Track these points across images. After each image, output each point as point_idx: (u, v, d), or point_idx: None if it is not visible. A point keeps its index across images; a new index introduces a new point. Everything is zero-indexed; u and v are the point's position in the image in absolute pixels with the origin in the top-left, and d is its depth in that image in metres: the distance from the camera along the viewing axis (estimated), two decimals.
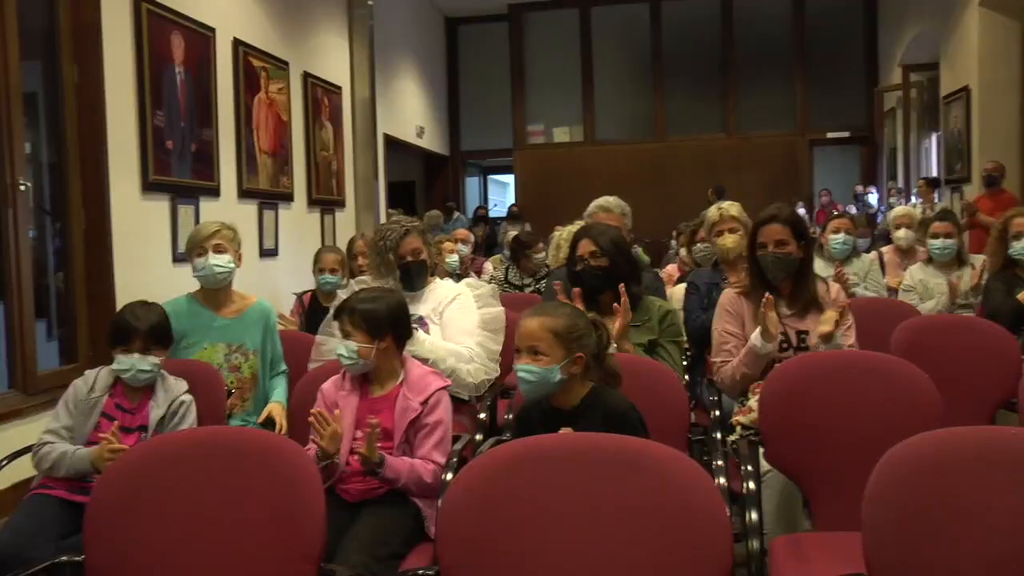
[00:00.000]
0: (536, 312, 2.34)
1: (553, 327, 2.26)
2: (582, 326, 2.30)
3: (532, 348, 2.26)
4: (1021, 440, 1.67)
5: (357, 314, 2.60)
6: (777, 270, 3.06)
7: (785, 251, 3.04)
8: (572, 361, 2.26)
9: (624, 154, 12.84)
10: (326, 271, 4.54)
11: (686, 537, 1.63)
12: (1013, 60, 8.30)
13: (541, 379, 2.25)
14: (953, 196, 9.23)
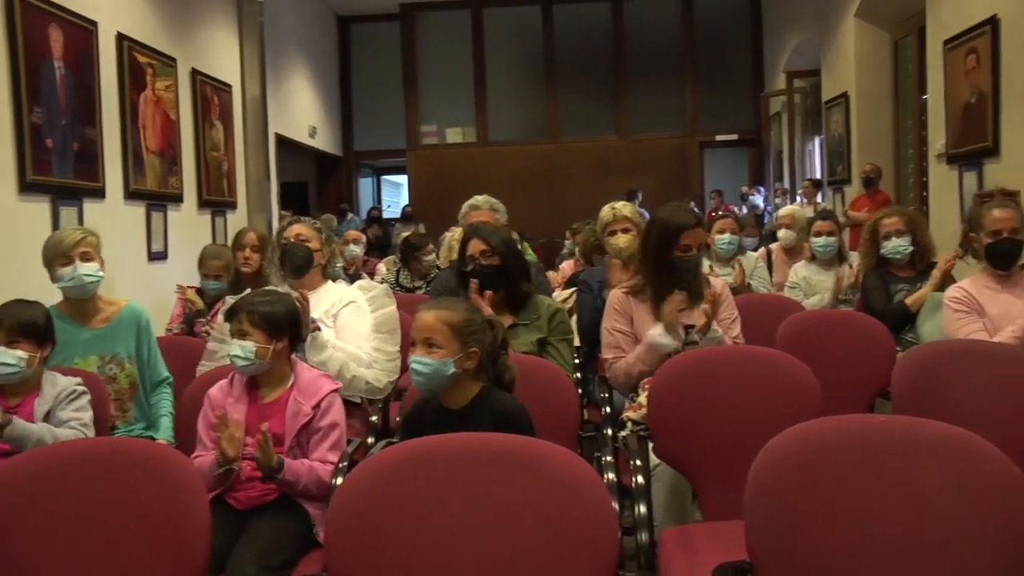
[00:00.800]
0: (433, 305, 2.34)
1: (449, 320, 2.26)
2: (478, 321, 2.31)
3: (427, 340, 2.25)
4: (891, 427, 1.75)
5: (256, 313, 2.54)
6: (693, 273, 3.14)
7: (699, 255, 3.16)
8: (467, 355, 2.26)
9: (518, 155, 12.91)
10: (210, 276, 4.38)
11: (574, 533, 1.65)
12: (886, 69, 8.70)
13: (435, 371, 2.24)
14: (835, 196, 9.63)
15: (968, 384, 2.60)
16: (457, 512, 1.70)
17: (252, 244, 4.41)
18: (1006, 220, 3.33)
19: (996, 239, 3.34)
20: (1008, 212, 3.35)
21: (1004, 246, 3.33)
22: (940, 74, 6.59)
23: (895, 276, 4.15)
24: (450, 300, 2.44)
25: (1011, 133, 5.62)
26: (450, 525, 1.70)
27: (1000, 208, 3.38)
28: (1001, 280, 3.37)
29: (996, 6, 5.71)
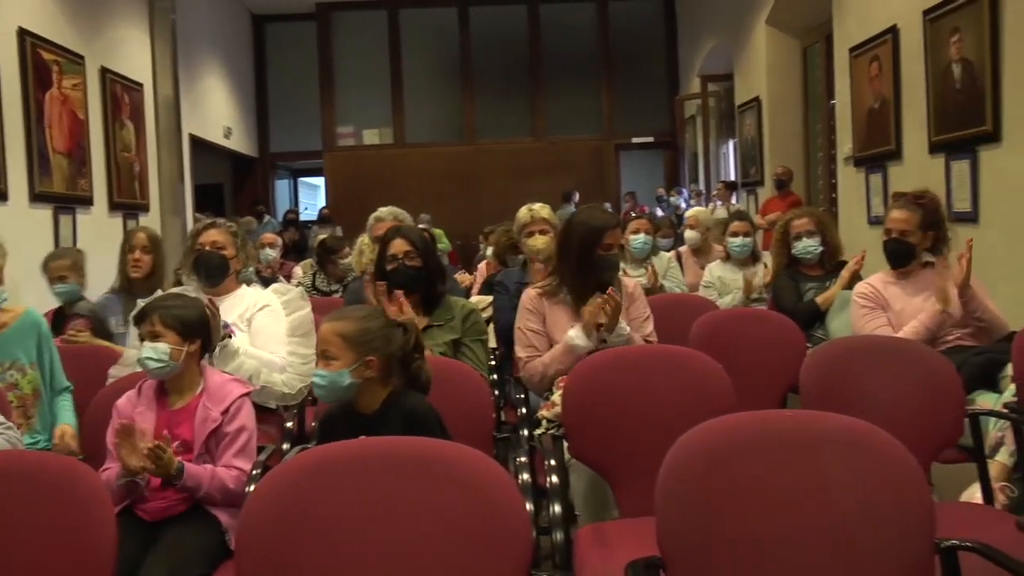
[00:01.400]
0: (331, 317, 2.33)
1: (342, 331, 2.26)
2: (375, 329, 2.30)
3: (323, 352, 2.26)
4: (797, 422, 1.80)
5: (169, 314, 2.48)
6: (617, 270, 3.22)
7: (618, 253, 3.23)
8: (364, 364, 2.25)
9: (434, 157, 12.89)
10: (55, 280, 4.04)
11: (486, 535, 1.65)
12: (795, 74, 8.94)
13: (331, 383, 2.25)
14: (749, 198, 9.86)
15: (871, 378, 2.68)
16: (368, 517, 1.69)
17: (143, 246, 4.02)
18: (898, 221, 3.49)
19: (887, 237, 3.52)
20: (903, 214, 3.49)
21: (890, 245, 3.52)
22: (846, 80, 6.81)
23: (805, 275, 4.27)
24: (349, 309, 2.44)
25: (911, 137, 5.83)
26: (361, 530, 1.69)
27: (898, 209, 3.52)
28: (903, 277, 3.52)
29: (896, 16, 5.93)
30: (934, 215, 3.55)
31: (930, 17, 5.46)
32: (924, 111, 5.59)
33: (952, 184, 5.24)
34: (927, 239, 3.53)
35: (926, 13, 5.49)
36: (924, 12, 5.51)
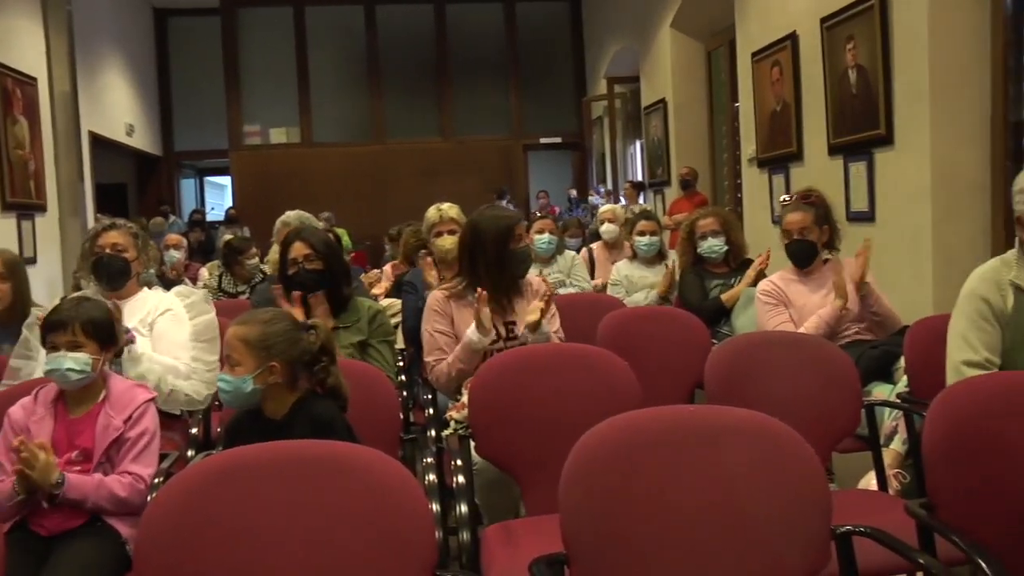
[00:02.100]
0: (236, 321, 2.29)
1: (245, 336, 2.22)
2: (277, 334, 2.25)
3: (228, 357, 2.22)
4: (699, 416, 1.84)
5: (90, 323, 2.39)
6: (529, 263, 3.27)
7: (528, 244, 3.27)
8: (267, 370, 2.22)
9: (343, 157, 12.78)
10: None
11: (390, 537, 1.64)
12: (700, 77, 9.13)
13: (235, 389, 2.21)
14: (656, 198, 10.02)
15: (773, 372, 2.75)
16: (271, 522, 1.66)
17: None
18: (796, 222, 3.64)
19: (790, 240, 3.65)
20: (799, 215, 3.64)
21: (794, 246, 3.66)
22: (749, 84, 6.96)
23: (711, 273, 4.36)
24: (254, 313, 2.39)
25: (811, 140, 6.00)
26: (264, 535, 1.66)
27: (793, 212, 3.67)
28: (804, 274, 3.65)
29: (795, 23, 6.09)
30: (824, 210, 3.72)
31: (827, 25, 5.63)
32: (823, 115, 5.76)
33: (850, 185, 5.42)
34: (824, 234, 3.69)
35: (823, 21, 5.66)
36: (821, 20, 5.67)
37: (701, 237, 4.37)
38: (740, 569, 1.69)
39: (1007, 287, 2.50)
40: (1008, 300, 2.49)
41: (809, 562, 1.70)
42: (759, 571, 1.69)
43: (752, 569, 1.69)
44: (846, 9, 5.37)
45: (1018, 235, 2.54)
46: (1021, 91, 4.55)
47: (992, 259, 2.65)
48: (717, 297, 4.21)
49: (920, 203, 4.76)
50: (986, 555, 1.69)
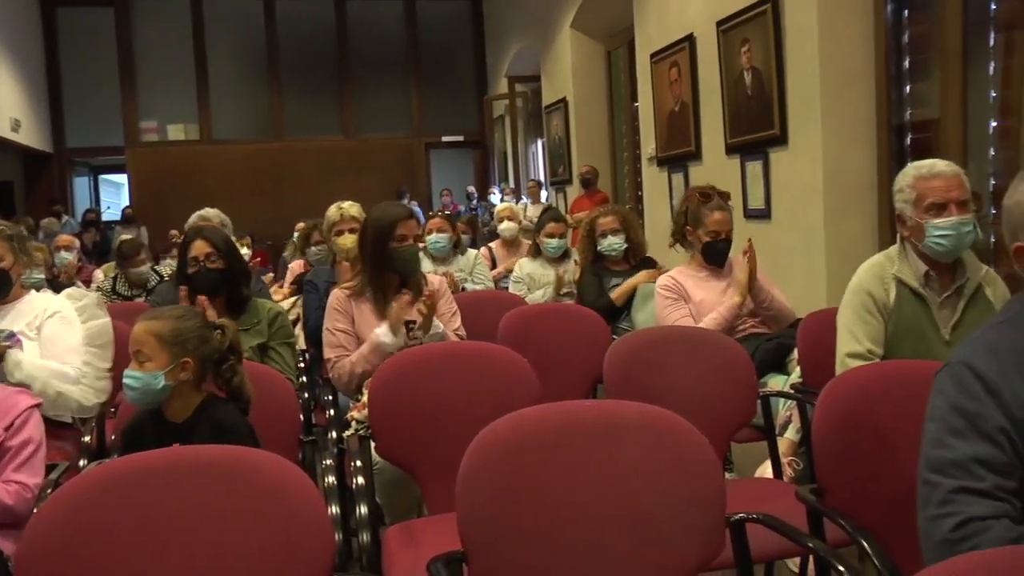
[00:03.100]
0: (145, 316, 2.21)
1: (157, 331, 2.15)
2: (191, 329, 2.20)
3: (138, 353, 2.14)
4: (596, 411, 1.85)
5: None
6: (413, 262, 3.19)
7: (416, 245, 3.21)
8: (179, 367, 2.16)
9: (243, 154, 12.54)
10: None
11: (288, 541, 1.61)
12: (600, 77, 9.25)
13: (144, 385, 2.13)
14: (558, 196, 10.11)
15: (671, 366, 2.80)
16: (164, 529, 1.62)
17: None
18: (724, 223, 3.65)
19: (714, 239, 3.64)
20: (725, 215, 3.67)
21: (721, 246, 3.66)
22: (648, 84, 7.08)
23: (610, 270, 4.42)
24: (162, 309, 2.32)
25: (709, 139, 6.14)
26: (156, 544, 1.61)
27: (720, 211, 3.67)
28: (704, 270, 3.70)
29: (692, 25, 6.23)
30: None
31: (722, 28, 5.77)
32: (720, 115, 5.91)
33: (747, 184, 5.56)
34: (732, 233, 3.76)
35: (719, 24, 5.80)
36: (717, 23, 5.81)
37: (601, 235, 4.41)
38: (636, 559, 1.71)
39: (890, 281, 2.62)
40: (891, 293, 2.60)
41: (704, 550, 1.73)
42: (655, 561, 1.72)
43: (648, 559, 1.71)
44: (741, 13, 5.51)
45: (900, 231, 2.65)
46: (903, 95, 4.76)
47: (877, 254, 2.76)
48: (607, 296, 4.26)
49: (813, 201, 4.92)
50: (869, 537, 1.75)
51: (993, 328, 1.51)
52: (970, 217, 2.52)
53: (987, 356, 1.44)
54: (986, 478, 1.37)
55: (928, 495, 1.42)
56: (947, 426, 1.43)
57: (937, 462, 1.42)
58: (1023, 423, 1.39)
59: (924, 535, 1.42)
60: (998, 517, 1.35)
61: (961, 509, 1.36)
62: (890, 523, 1.80)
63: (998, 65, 4.21)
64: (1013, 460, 1.39)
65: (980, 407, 1.41)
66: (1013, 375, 1.41)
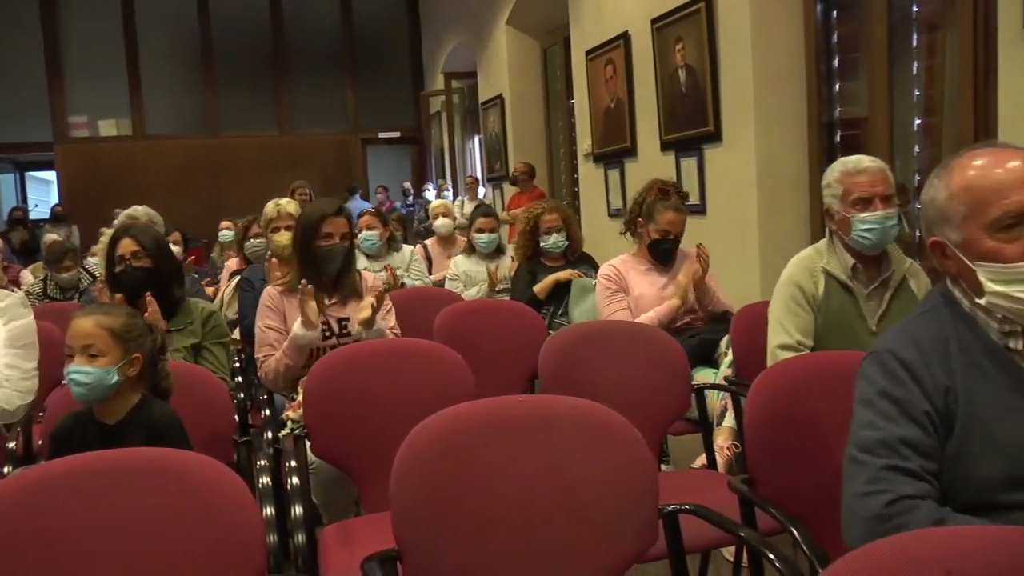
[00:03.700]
0: (90, 310, 2.18)
1: (110, 325, 2.12)
2: (140, 325, 2.20)
3: (87, 347, 2.09)
4: (528, 405, 1.86)
5: None
6: (338, 261, 3.16)
7: (344, 244, 3.19)
8: (130, 362, 2.13)
9: (177, 150, 12.31)
10: None
11: (219, 543, 1.60)
12: (536, 74, 9.28)
13: (97, 380, 2.09)
14: (495, 192, 10.12)
15: (605, 360, 2.81)
16: (93, 536, 1.59)
17: None
18: (676, 224, 3.67)
19: (663, 237, 3.67)
20: (679, 216, 3.69)
21: (668, 246, 3.69)
22: (584, 81, 7.12)
23: (546, 266, 4.43)
24: (107, 305, 2.29)
25: (645, 136, 6.20)
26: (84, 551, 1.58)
27: (675, 211, 3.69)
28: (649, 263, 3.72)
29: (627, 23, 6.27)
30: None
31: (657, 26, 5.82)
32: (655, 112, 5.96)
33: (682, 180, 5.62)
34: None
35: (654, 22, 5.85)
36: (652, 21, 5.86)
37: (546, 232, 4.41)
38: (571, 553, 1.72)
39: (819, 274, 2.67)
40: (820, 286, 2.66)
41: (637, 541, 1.75)
42: (589, 554, 1.73)
43: (582, 552, 1.73)
44: (675, 12, 5.57)
45: (828, 225, 2.71)
46: (832, 94, 4.86)
47: (807, 248, 2.82)
48: (531, 289, 4.28)
49: (747, 196, 5.00)
50: (798, 524, 1.79)
51: (914, 319, 1.57)
52: (894, 211, 2.58)
53: (909, 345, 1.50)
54: (912, 458, 1.43)
55: (856, 473, 1.46)
56: (876, 410, 1.48)
57: (866, 442, 1.47)
58: (943, 409, 1.45)
59: (849, 512, 1.46)
60: (924, 498, 1.40)
61: (891, 487, 1.41)
62: (821, 510, 1.84)
63: (921, 65, 4.33)
64: (935, 443, 1.45)
65: (907, 393, 1.47)
66: (933, 363, 1.48)
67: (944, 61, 4.14)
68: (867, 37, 4.53)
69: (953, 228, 1.49)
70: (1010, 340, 1.48)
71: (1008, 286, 1.44)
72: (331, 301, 3.19)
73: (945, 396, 1.45)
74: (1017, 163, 1.46)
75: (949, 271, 1.55)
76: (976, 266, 1.47)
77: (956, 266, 1.52)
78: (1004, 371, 1.47)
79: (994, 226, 1.44)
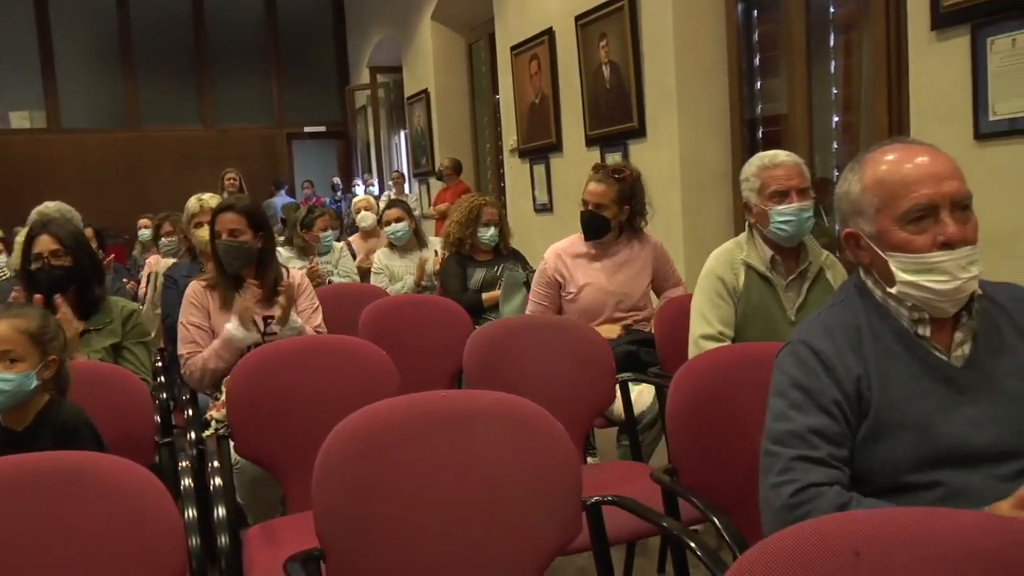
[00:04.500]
0: (1, 314, 2.11)
1: (27, 328, 2.06)
2: (54, 327, 2.14)
3: (6, 353, 2.03)
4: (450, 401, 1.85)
5: None
6: (231, 258, 3.11)
7: (240, 240, 3.10)
8: (46, 365, 2.08)
9: (96, 144, 11.97)
10: None
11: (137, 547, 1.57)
12: (461, 69, 9.26)
13: (17, 387, 2.03)
14: (421, 187, 10.09)
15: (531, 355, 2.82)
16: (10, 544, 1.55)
17: None
18: (594, 194, 3.51)
19: (583, 208, 3.56)
20: (600, 187, 3.51)
21: (585, 216, 3.54)
22: (509, 77, 7.13)
23: (475, 260, 4.40)
24: (18, 307, 2.22)
25: (570, 131, 6.23)
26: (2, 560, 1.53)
27: (595, 182, 3.54)
28: (597, 248, 3.58)
29: (551, 19, 6.30)
30: (631, 189, 3.57)
31: (581, 22, 5.86)
32: (580, 107, 6.00)
33: None
34: (623, 213, 3.56)
35: (578, 19, 5.88)
36: (576, 17, 5.90)
37: (485, 224, 4.38)
38: (495, 547, 1.73)
39: (740, 266, 2.73)
40: (740, 278, 2.72)
41: (561, 533, 1.76)
42: (513, 548, 1.74)
43: (506, 546, 1.73)
44: (598, 8, 5.61)
45: (747, 219, 2.77)
46: (754, 91, 4.96)
47: (728, 241, 2.87)
48: (477, 291, 4.26)
49: (672, 191, 5.06)
50: (719, 512, 1.83)
51: (828, 310, 1.62)
52: (810, 204, 2.66)
53: (823, 335, 1.55)
54: (820, 447, 1.48)
55: (770, 464, 1.51)
56: (788, 401, 1.53)
57: (778, 434, 1.52)
58: (854, 396, 1.50)
59: (764, 503, 1.51)
60: (831, 484, 1.45)
61: (799, 477, 1.46)
62: (743, 499, 1.87)
63: (839, 64, 4.44)
64: (845, 431, 1.50)
65: (817, 382, 1.51)
66: (846, 352, 1.53)
67: (860, 60, 4.26)
68: (786, 36, 4.63)
69: (866, 220, 1.54)
70: (920, 327, 1.53)
71: (917, 275, 1.49)
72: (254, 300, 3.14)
73: (858, 384, 1.51)
74: (925, 159, 1.51)
75: (862, 262, 1.60)
76: (888, 256, 1.52)
77: (869, 256, 1.57)
78: (914, 356, 1.53)
79: (904, 218, 1.49)
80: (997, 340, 1.55)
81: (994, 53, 3.16)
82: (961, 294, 1.50)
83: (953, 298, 1.50)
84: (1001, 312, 1.57)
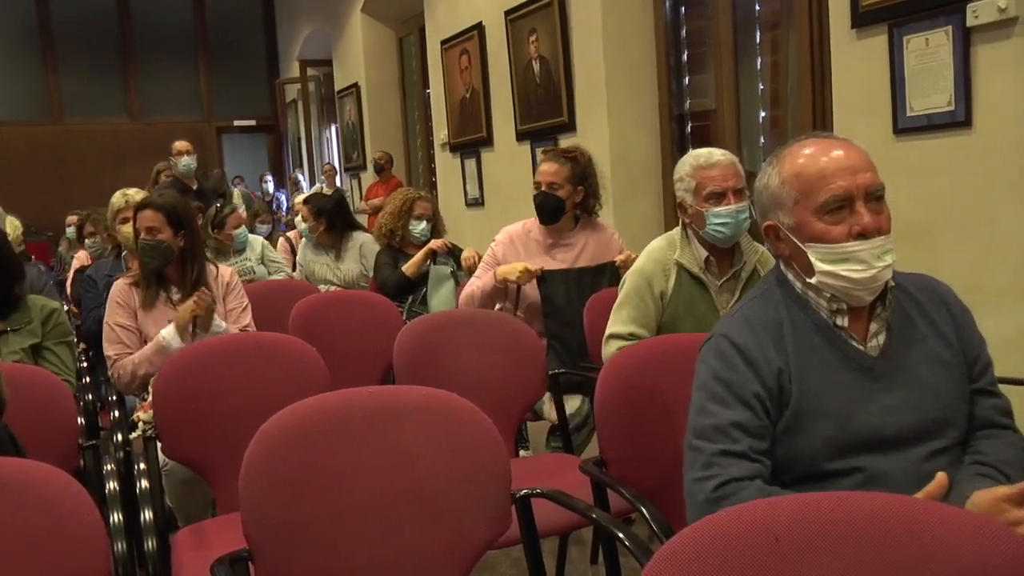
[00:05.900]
0: None
1: None
2: None
3: None
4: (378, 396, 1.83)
5: None
6: (148, 257, 3.06)
7: (158, 239, 3.06)
8: None
9: (17, 137, 11.63)
10: None
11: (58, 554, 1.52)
12: (392, 63, 9.21)
13: None
14: (352, 182, 10.01)
15: (459, 349, 2.82)
16: None
17: None
18: (546, 174, 3.36)
19: (536, 190, 3.41)
20: (552, 166, 3.37)
21: (539, 198, 3.39)
22: (439, 72, 7.11)
23: (405, 253, 4.38)
24: None
25: (500, 126, 6.25)
26: None
27: (547, 162, 3.41)
28: (553, 233, 3.44)
29: (481, 14, 6.30)
30: (583, 170, 3.42)
31: (511, 17, 5.87)
32: (510, 102, 6.01)
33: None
34: (578, 194, 3.41)
35: (507, 13, 5.90)
36: (505, 12, 5.91)
37: (417, 218, 4.36)
38: (425, 543, 1.73)
39: (672, 267, 2.66)
40: (671, 280, 2.64)
41: (491, 527, 1.77)
42: (444, 543, 1.74)
43: (437, 542, 1.73)
44: (528, 3, 5.63)
45: (681, 218, 2.72)
46: (683, 87, 5.02)
47: (659, 238, 2.82)
48: (400, 269, 4.24)
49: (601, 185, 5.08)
50: (644, 501, 1.86)
51: (749, 303, 1.65)
52: (746, 204, 2.58)
53: (744, 329, 1.58)
54: (741, 440, 1.51)
55: (693, 459, 1.54)
56: (710, 394, 1.55)
57: (701, 428, 1.55)
58: (775, 389, 1.53)
59: (688, 497, 1.54)
60: (752, 478, 1.49)
61: (721, 471, 1.50)
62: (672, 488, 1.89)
63: (765, 61, 4.53)
64: (766, 423, 1.53)
65: (738, 376, 1.55)
66: (767, 345, 1.56)
67: (786, 57, 4.34)
68: (713, 33, 4.70)
69: (786, 212, 1.58)
70: (838, 318, 1.58)
71: (835, 265, 1.53)
72: (179, 296, 3.09)
73: (778, 376, 1.54)
74: (840, 152, 1.55)
75: (782, 254, 1.63)
76: (807, 247, 1.55)
77: (789, 248, 1.60)
78: (833, 347, 1.57)
79: (822, 209, 1.53)
80: (910, 330, 1.60)
81: (910, 52, 3.25)
82: (876, 283, 1.54)
83: (869, 287, 1.54)
84: (913, 303, 1.63)
